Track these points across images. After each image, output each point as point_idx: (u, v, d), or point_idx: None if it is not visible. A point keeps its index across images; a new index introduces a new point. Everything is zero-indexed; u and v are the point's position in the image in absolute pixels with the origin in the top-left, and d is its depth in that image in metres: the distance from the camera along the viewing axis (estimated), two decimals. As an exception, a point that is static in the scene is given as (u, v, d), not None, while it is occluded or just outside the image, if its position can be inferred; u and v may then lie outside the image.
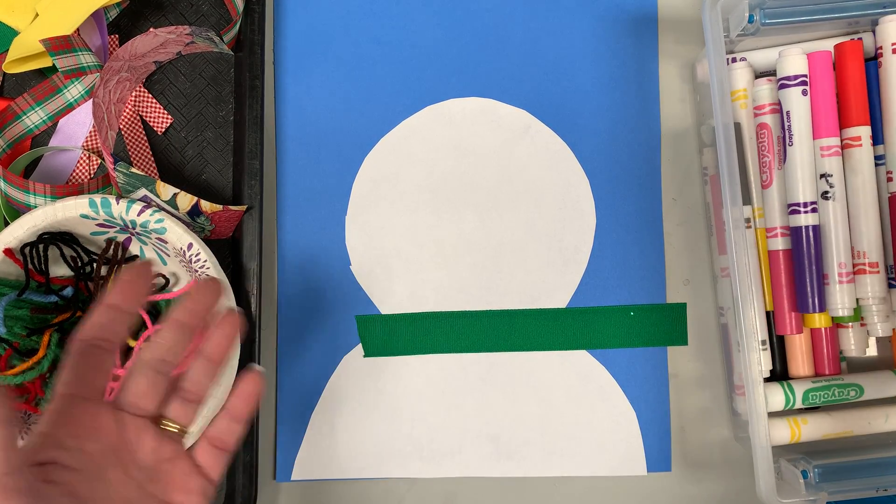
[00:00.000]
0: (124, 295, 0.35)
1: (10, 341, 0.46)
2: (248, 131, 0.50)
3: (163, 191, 0.46)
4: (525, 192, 0.53)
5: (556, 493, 0.52)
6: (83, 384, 0.33)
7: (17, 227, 0.45)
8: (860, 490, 0.44)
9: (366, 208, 0.53)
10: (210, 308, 0.36)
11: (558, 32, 0.54)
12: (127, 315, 0.35)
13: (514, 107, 0.54)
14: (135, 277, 0.35)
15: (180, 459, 0.35)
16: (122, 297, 0.34)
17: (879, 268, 0.46)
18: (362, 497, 0.52)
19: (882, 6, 0.45)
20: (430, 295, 0.53)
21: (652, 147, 0.53)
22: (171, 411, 0.36)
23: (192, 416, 0.36)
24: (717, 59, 0.44)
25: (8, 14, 0.51)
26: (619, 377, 0.52)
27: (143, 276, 0.36)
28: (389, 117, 0.54)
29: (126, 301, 0.34)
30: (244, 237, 0.50)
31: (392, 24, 0.54)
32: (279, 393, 0.52)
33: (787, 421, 0.47)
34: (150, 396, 0.35)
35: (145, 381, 0.35)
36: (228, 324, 0.37)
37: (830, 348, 0.48)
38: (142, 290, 0.35)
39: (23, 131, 0.51)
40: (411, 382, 0.52)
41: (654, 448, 0.52)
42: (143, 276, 0.36)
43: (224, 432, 0.37)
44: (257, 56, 0.51)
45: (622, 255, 0.53)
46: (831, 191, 0.46)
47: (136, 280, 0.35)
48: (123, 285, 0.35)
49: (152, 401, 0.35)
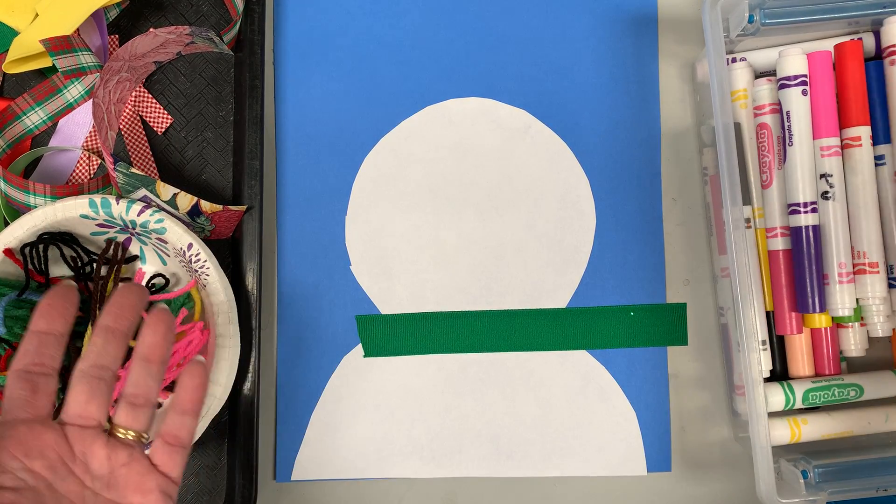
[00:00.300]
0: (48, 319, 0.35)
1: (10, 341, 0.46)
2: (248, 131, 0.50)
3: (163, 191, 0.46)
4: (525, 192, 0.53)
5: (556, 493, 0.52)
6: (20, 410, 0.34)
7: (17, 227, 0.45)
8: (860, 490, 0.44)
9: (366, 208, 0.53)
10: (135, 310, 0.36)
11: (558, 32, 0.54)
12: (56, 337, 0.35)
13: (514, 107, 0.54)
14: (55, 300, 0.35)
15: (136, 462, 0.35)
16: (45, 321, 0.35)
17: (879, 268, 0.46)
18: (362, 497, 0.52)
19: (882, 6, 0.45)
20: (430, 295, 0.53)
21: (652, 147, 0.53)
22: (121, 417, 0.36)
23: (143, 421, 0.36)
24: (717, 59, 0.44)
25: (8, 14, 0.51)
26: (619, 377, 0.52)
27: (65, 298, 0.36)
28: (389, 117, 0.54)
29: (51, 325, 0.35)
30: (244, 237, 0.50)
31: (392, 24, 0.54)
32: (279, 393, 0.52)
33: (787, 421, 0.47)
34: (92, 405, 0.35)
35: (85, 391, 0.35)
36: (158, 321, 0.36)
37: (830, 348, 0.48)
38: (66, 311, 0.35)
39: (23, 131, 0.51)
40: (411, 382, 0.52)
41: (654, 448, 0.52)
42: (65, 298, 0.36)
43: (176, 427, 0.37)
44: (257, 56, 0.51)
45: (622, 255, 0.53)
46: (831, 191, 0.46)
47: (57, 303, 0.35)
48: (45, 309, 0.35)
49: (97, 409, 0.35)
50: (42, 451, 0.34)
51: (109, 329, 0.36)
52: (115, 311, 0.36)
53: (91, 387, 0.35)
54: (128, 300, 0.36)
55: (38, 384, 0.34)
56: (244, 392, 0.49)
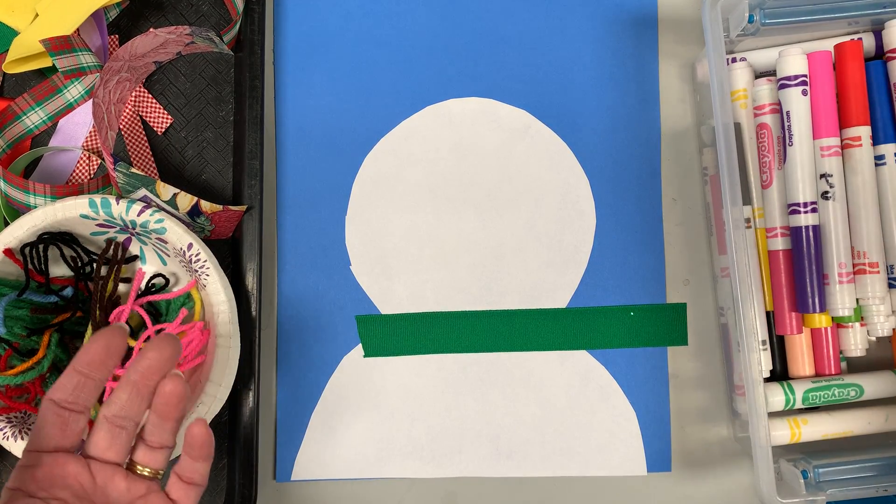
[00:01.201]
0: (93, 366, 0.36)
1: (10, 341, 0.46)
2: (248, 131, 0.50)
3: (163, 191, 0.46)
4: (525, 192, 0.53)
5: (556, 493, 0.52)
6: (49, 442, 0.35)
7: (17, 227, 0.45)
8: (860, 490, 0.44)
9: (366, 208, 0.53)
10: (165, 368, 0.37)
11: (558, 32, 0.54)
12: (95, 382, 0.36)
13: (514, 107, 0.54)
14: (106, 347, 0.36)
15: (153, 494, 0.37)
16: (90, 367, 0.36)
17: (879, 268, 0.46)
18: (362, 497, 0.52)
19: (882, 6, 0.45)
20: (430, 295, 0.53)
21: (652, 147, 0.53)
22: (140, 456, 0.37)
23: (161, 461, 0.38)
24: (717, 59, 0.44)
25: (8, 14, 0.51)
26: (619, 377, 0.52)
27: (114, 346, 0.36)
28: (389, 117, 0.54)
29: (92, 371, 0.36)
30: (244, 237, 0.50)
31: (392, 24, 0.54)
32: (279, 393, 0.52)
33: (787, 421, 0.47)
34: (112, 449, 0.36)
35: (106, 438, 0.36)
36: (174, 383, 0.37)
37: (831, 348, 0.48)
38: (109, 362, 0.36)
39: (23, 131, 0.51)
40: (411, 382, 0.52)
41: (654, 448, 0.52)
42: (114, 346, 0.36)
43: (189, 470, 0.38)
44: (257, 56, 0.51)
45: (622, 255, 0.53)
46: (831, 191, 0.46)
47: (107, 349, 0.36)
48: (94, 354, 0.36)
49: (116, 453, 0.36)
50: (66, 480, 0.35)
51: (136, 385, 0.36)
52: (144, 369, 0.36)
53: (112, 435, 0.36)
54: (157, 359, 0.36)
55: (68, 420, 0.35)
56: (244, 392, 0.49)
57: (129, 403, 0.36)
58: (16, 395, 0.46)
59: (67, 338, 0.48)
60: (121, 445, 0.36)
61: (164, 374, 0.36)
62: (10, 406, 0.46)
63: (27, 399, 0.47)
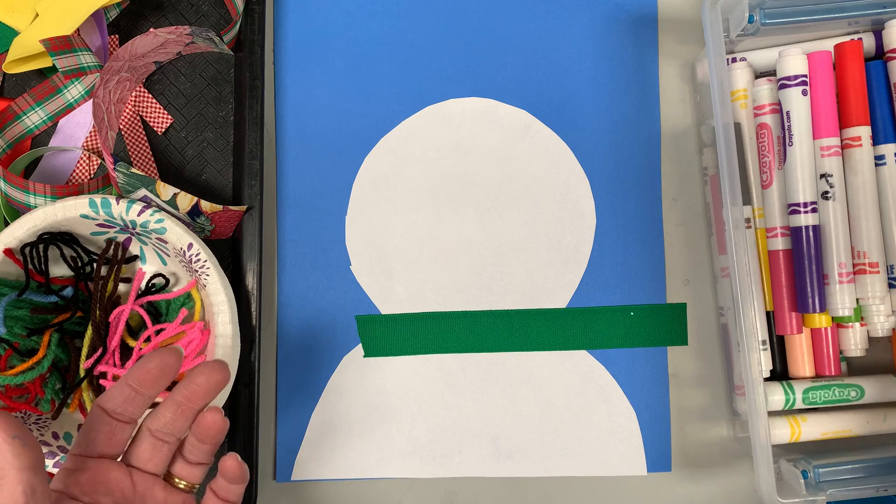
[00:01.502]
0: (144, 384, 0.36)
1: (10, 341, 0.46)
2: (248, 131, 0.50)
3: (163, 191, 0.46)
4: (525, 191, 0.53)
5: (556, 493, 0.52)
6: (95, 448, 0.36)
7: (17, 227, 0.45)
8: (860, 490, 0.44)
9: (366, 208, 0.53)
10: (210, 395, 0.37)
11: (558, 32, 0.54)
12: (144, 398, 0.37)
13: (514, 107, 0.54)
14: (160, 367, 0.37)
15: None
16: (142, 384, 0.36)
17: (879, 268, 0.46)
18: (362, 497, 0.52)
19: (882, 6, 0.45)
20: (430, 295, 0.53)
21: (652, 147, 0.53)
22: (178, 470, 0.39)
23: (197, 475, 0.39)
24: (717, 59, 0.44)
25: (8, 14, 0.51)
26: (619, 377, 0.52)
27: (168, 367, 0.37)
28: (389, 117, 0.54)
29: (146, 388, 0.36)
30: (244, 237, 0.50)
31: (392, 24, 0.54)
32: (279, 393, 0.52)
33: (786, 419, 0.47)
34: (153, 462, 0.37)
35: (149, 448, 0.37)
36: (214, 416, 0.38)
37: (831, 348, 0.48)
38: (161, 383, 0.37)
39: (23, 131, 0.51)
40: (411, 382, 0.52)
41: (654, 448, 0.52)
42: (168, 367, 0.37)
43: (224, 490, 0.39)
44: (257, 56, 0.51)
45: (622, 255, 0.53)
46: (831, 191, 0.46)
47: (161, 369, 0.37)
48: (147, 372, 0.36)
49: (156, 465, 0.38)
50: (109, 486, 0.36)
51: (180, 406, 0.37)
52: (191, 393, 0.37)
53: (154, 447, 0.37)
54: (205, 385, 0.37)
55: (115, 429, 0.36)
56: (244, 392, 0.49)
57: (172, 421, 0.37)
58: (16, 395, 0.46)
59: (67, 338, 0.48)
60: (161, 458, 0.38)
61: (209, 399, 0.38)
62: (10, 406, 0.46)
63: (27, 399, 0.47)
